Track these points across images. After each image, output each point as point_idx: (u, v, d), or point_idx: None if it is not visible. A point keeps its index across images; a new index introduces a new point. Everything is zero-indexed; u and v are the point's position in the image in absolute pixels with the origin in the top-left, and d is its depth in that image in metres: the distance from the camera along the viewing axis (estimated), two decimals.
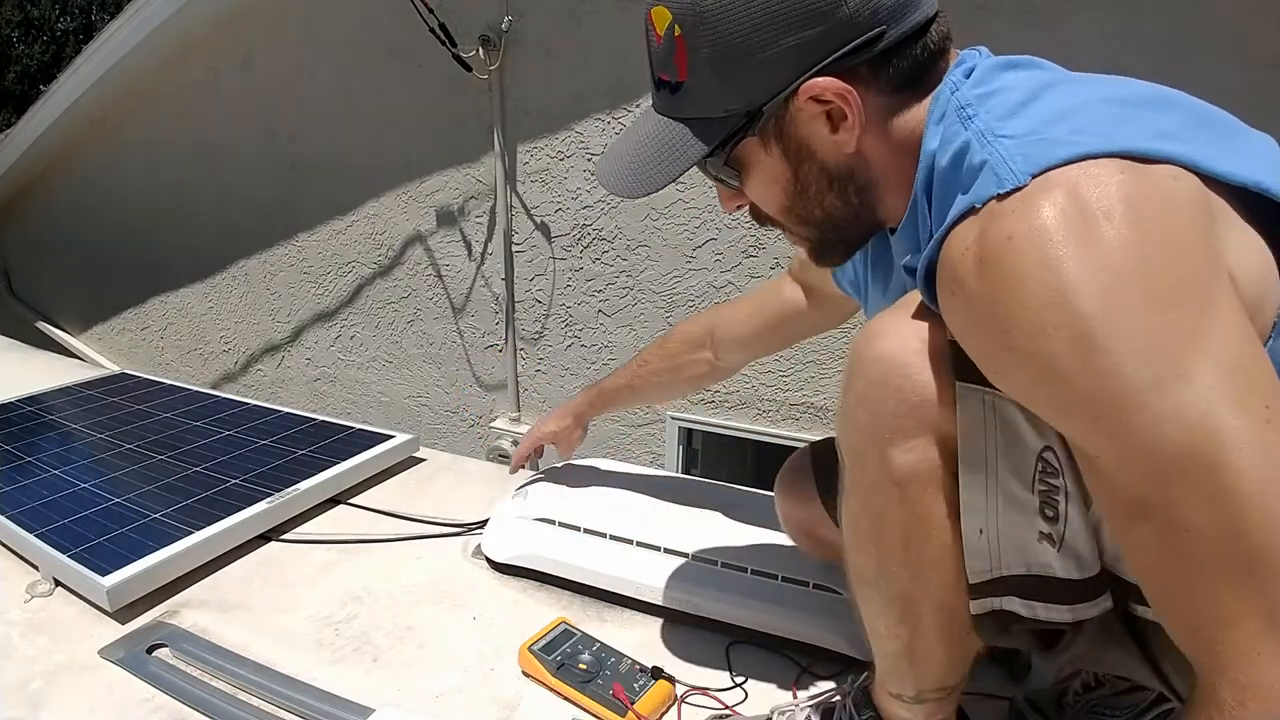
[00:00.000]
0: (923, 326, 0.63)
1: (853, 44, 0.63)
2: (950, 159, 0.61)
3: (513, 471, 1.49)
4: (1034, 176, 0.54)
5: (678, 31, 0.66)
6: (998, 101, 0.61)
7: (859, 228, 0.74)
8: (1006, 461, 0.61)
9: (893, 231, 0.74)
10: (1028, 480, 0.60)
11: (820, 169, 0.69)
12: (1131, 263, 0.51)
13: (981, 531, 0.63)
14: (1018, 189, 0.54)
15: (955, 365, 0.61)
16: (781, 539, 1.12)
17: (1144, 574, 0.57)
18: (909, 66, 0.65)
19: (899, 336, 0.63)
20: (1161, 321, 0.50)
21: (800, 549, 1.09)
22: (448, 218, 2.76)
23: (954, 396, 0.61)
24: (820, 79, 0.64)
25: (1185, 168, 0.54)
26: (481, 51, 2.41)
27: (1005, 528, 0.62)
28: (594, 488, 1.34)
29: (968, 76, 0.65)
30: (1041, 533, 0.61)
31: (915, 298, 0.65)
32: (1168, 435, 0.50)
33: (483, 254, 2.74)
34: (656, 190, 0.71)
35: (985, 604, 0.64)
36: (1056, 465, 0.60)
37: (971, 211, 0.56)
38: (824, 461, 1.00)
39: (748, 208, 0.77)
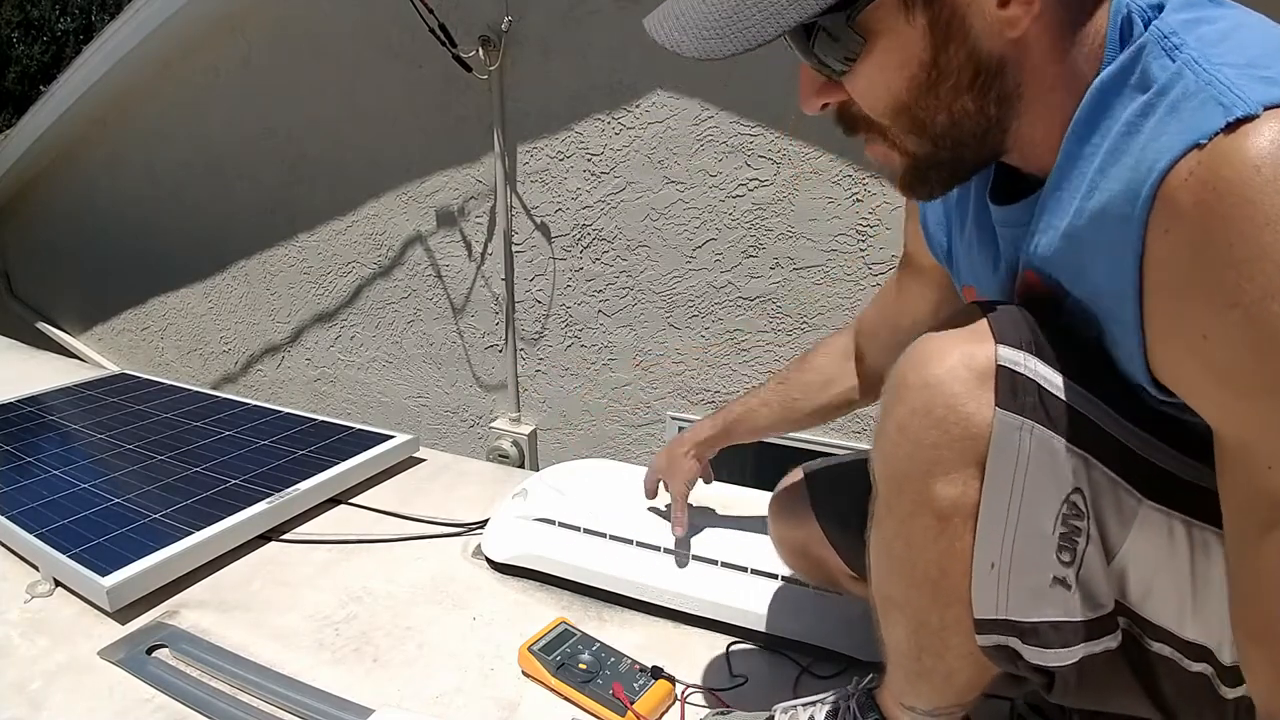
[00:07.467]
0: (975, 351, 0.57)
1: None
2: (1153, 93, 0.50)
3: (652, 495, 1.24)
4: (1267, 109, 0.45)
5: None
6: (1205, 30, 0.51)
7: (978, 151, 0.60)
8: (1032, 496, 0.57)
9: (1000, 192, 0.63)
10: (1051, 519, 0.57)
11: (969, 55, 0.54)
12: None
13: (993, 566, 0.59)
14: (1250, 118, 0.44)
15: (999, 392, 0.56)
16: None
17: (1265, 583, 0.52)
18: None
19: (947, 363, 0.58)
20: None
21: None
22: (448, 218, 2.76)
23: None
24: None
25: None
26: (481, 52, 2.41)
27: (1018, 565, 0.59)
28: (593, 488, 1.34)
29: None
30: (1055, 577, 0.58)
31: (970, 313, 0.59)
32: None
33: (483, 254, 2.74)
34: (745, 50, 0.52)
35: (990, 639, 0.62)
36: (1083, 509, 0.57)
37: (1195, 148, 0.46)
38: (820, 483, 0.98)
39: (834, 107, 0.61)
